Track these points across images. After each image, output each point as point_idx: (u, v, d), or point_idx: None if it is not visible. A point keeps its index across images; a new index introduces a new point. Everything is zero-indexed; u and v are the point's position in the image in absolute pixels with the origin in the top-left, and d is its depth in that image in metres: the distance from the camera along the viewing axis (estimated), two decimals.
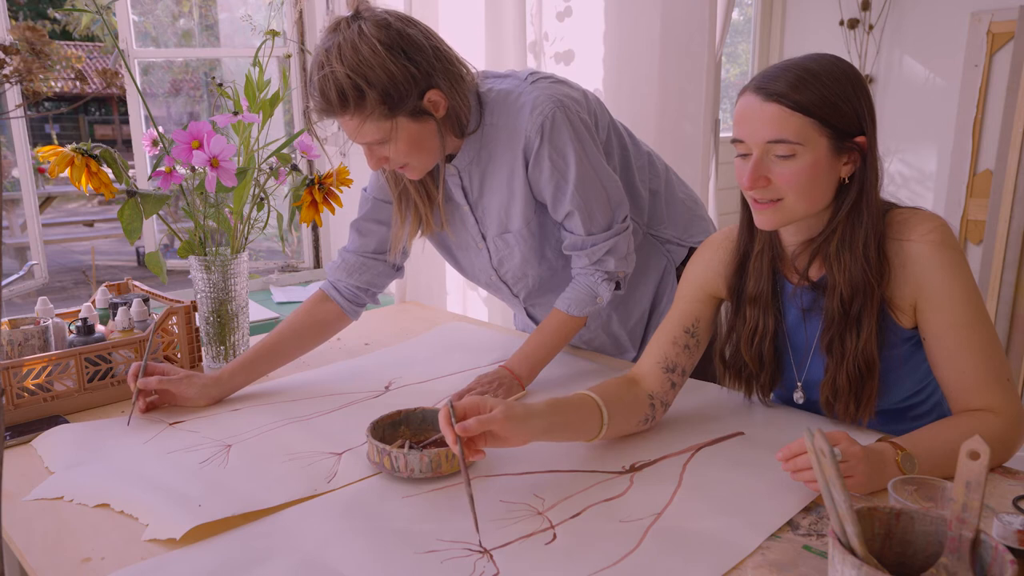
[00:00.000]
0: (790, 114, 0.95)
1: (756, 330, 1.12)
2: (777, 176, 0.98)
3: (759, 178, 0.98)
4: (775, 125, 0.96)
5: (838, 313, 1.03)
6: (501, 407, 0.95)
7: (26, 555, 0.87)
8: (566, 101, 1.25)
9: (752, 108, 0.98)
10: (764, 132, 0.97)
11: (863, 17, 3.24)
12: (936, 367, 1.02)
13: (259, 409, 1.26)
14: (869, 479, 0.91)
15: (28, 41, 0.57)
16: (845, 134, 0.97)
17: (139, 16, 4.60)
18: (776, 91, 0.96)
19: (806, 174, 0.97)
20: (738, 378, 1.18)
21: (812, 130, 0.96)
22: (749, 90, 0.99)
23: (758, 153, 0.98)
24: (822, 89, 0.95)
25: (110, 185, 1.30)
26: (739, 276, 1.13)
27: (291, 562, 0.83)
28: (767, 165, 0.98)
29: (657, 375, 1.15)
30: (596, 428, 1.06)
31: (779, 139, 0.96)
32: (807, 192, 0.98)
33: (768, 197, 1.00)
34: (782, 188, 0.99)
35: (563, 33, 2.34)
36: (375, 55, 1.12)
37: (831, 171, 0.99)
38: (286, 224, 1.49)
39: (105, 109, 14.70)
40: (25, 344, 1.28)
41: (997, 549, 0.64)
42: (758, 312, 1.12)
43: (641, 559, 0.83)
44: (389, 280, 1.47)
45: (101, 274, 6.58)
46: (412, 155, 1.21)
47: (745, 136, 0.99)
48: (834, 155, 0.98)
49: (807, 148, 0.96)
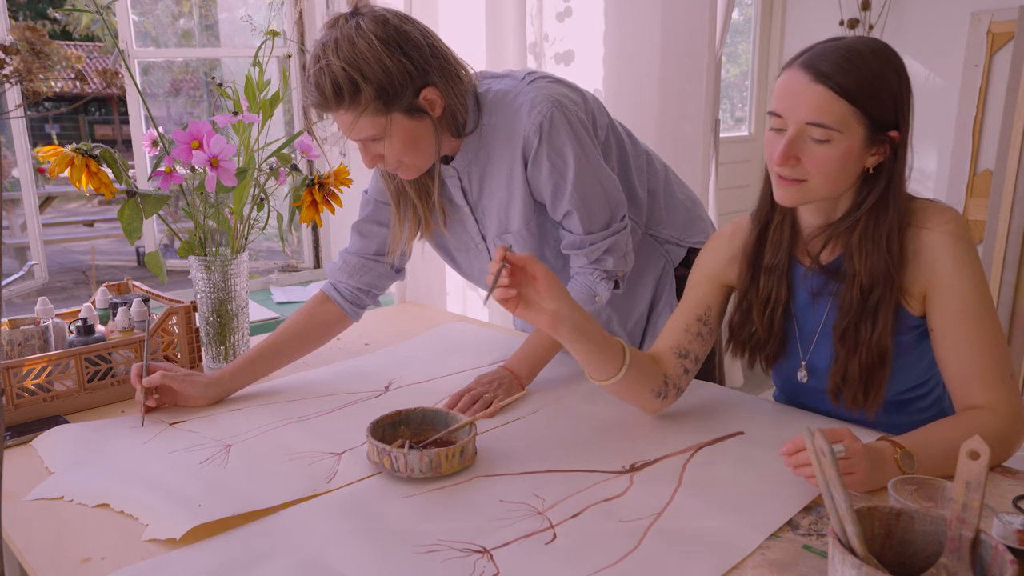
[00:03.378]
0: (834, 99, 0.95)
1: (769, 299, 1.13)
2: (808, 158, 0.98)
3: (790, 157, 0.99)
4: (818, 108, 0.96)
5: (856, 302, 1.03)
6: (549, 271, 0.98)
7: (26, 555, 0.87)
8: (564, 101, 1.25)
9: (797, 85, 0.97)
10: (805, 112, 0.97)
11: (863, 17, 3.24)
12: (940, 358, 1.03)
13: (259, 409, 1.26)
14: (870, 477, 0.91)
15: (28, 41, 0.57)
16: (881, 126, 0.98)
17: (139, 16, 4.60)
18: (824, 72, 0.95)
19: (837, 161, 0.98)
20: (744, 348, 1.18)
21: (852, 118, 0.96)
22: (796, 66, 0.98)
23: (794, 131, 0.98)
24: (870, 77, 0.95)
25: (110, 185, 1.30)
26: (756, 247, 1.14)
27: (291, 562, 0.83)
28: (800, 145, 0.98)
29: (671, 359, 1.17)
30: (616, 366, 1.07)
31: (819, 123, 0.96)
32: (833, 178, 0.99)
33: (794, 176, 1.00)
34: (810, 170, 0.99)
35: (563, 33, 2.34)
36: (371, 49, 1.12)
37: (859, 160, 1.00)
38: (286, 224, 1.49)
39: (105, 109, 14.71)
40: (25, 344, 1.28)
41: (997, 549, 0.64)
42: (773, 282, 1.12)
43: (641, 559, 0.83)
44: (390, 282, 1.47)
45: (101, 274, 6.58)
46: (407, 153, 1.21)
47: (784, 112, 0.98)
48: (866, 145, 0.98)
49: (844, 136, 0.96)
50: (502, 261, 0.95)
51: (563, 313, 1.00)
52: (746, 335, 1.17)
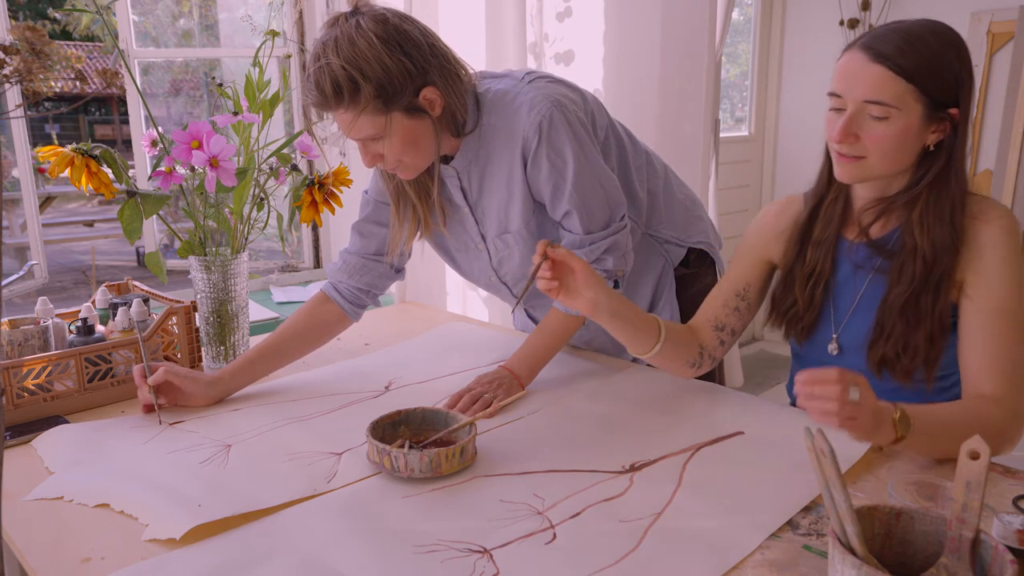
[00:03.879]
0: (892, 77, 0.98)
1: (814, 272, 1.16)
2: (866, 135, 1.02)
3: (849, 134, 1.02)
4: (875, 86, 0.99)
5: (919, 275, 1.05)
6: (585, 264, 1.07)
7: (26, 555, 0.87)
8: (563, 100, 1.25)
9: (856, 65, 1.01)
10: (863, 91, 1.00)
11: (863, 17, 3.24)
12: (961, 345, 1.05)
13: (259, 409, 1.26)
14: (869, 429, 0.91)
15: (28, 41, 0.57)
16: (940, 104, 1.00)
17: (139, 16, 4.60)
18: (884, 53, 0.99)
19: (895, 138, 1.01)
20: (782, 318, 1.21)
21: (910, 96, 0.99)
22: (856, 47, 1.02)
23: (852, 109, 1.01)
24: (929, 57, 0.98)
25: (110, 185, 1.30)
26: (808, 223, 1.17)
27: (291, 562, 0.83)
28: (859, 123, 1.02)
29: (708, 331, 1.24)
30: (652, 341, 1.15)
31: (876, 100, 0.99)
32: (891, 155, 1.02)
33: (853, 153, 1.03)
34: (868, 147, 1.02)
35: (563, 34, 2.34)
36: (371, 48, 1.12)
37: (919, 138, 1.02)
38: (286, 224, 1.49)
39: (105, 109, 14.71)
40: (25, 344, 1.28)
41: (997, 549, 0.64)
42: (820, 255, 1.15)
43: (641, 559, 0.83)
44: (390, 282, 1.47)
45: (101, 274, 6.58)
46: (406, 153, 1.21)
47: (843, 91, 1.02)
48: (925, 123, 1.01)
49: (901, 113, 0.99)
50: (543, 256, 1.04)
51: (600, 300, 1.08)
52: (786, 306, 1.20)
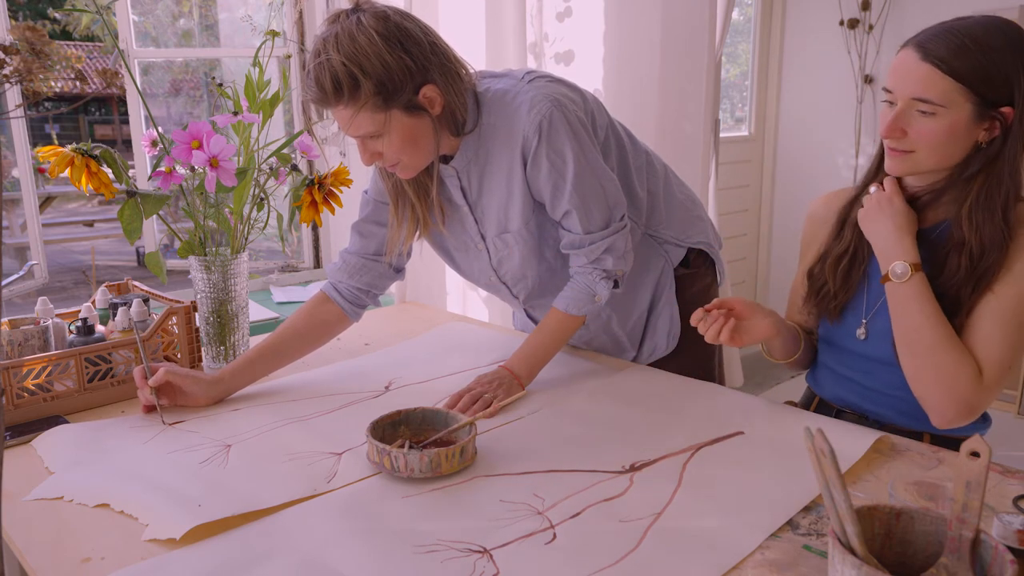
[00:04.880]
0: (941, 77, 1.01)
1: (847, 251, 1.19)
2: (914, 130, 1.05)
3: (896, 129, 1.05)
4: (923, 84, 1.02)
5: (964, 269, 1.07)
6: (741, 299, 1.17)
7: (26, 555, 0.87)
8: (563, 100, 1.25)
9: (908, 63, 1.04)
10: (911, 88, 1.03)
11: (863, 17, 3.24)
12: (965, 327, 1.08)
13: (259, 409, 1.26)
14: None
15: (28, 41, 0.57)
16: (991, 103, 1.02)
17: (139, 16, 4.60)
18: (933, 52, 1.02)
19: (943, 134, 1.03)
20: (816, 295, 1.24)
21: (958, 95, 1.01)
22: (910, 45, 1.05)
23: (901, 106, 1.05)
24: (981, 59, 1.00)
25: (110, 185, 1.30)
26: (852, 202, 1.20)
27: (291, 562, 0.83)
28: (908, 118, 1.05)
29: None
30: (797, 346, 1.25)
31: (923, 98, 1.02)
32: (939, 150, 1.05)
33: (902, 147, 1.07)
34: (917, 142, 1.05)
35: (563, 33, 2.34)
36: (372, 44, 1.12)
37: (968, 134, 1.04)
38: (286, 224, 1.49)
39: (105, 109, 14.70)
40: (25, 344, 1.28)
41: (997, 549, 0.64)
42: (856, 235, 1.18)
43: (641, 559, 0.83)
44: (390, 282, 1.47)
45: (101, 274, 6.58)
46: (406, 151, 1.21)
47: (894, 87, 1.06)
48: (975, 120, 1.03)
49: (949, 110, 1.02)
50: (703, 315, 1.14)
51: (774, 317, 1.18)
52: (819, 284, 1.23)
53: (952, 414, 1.06)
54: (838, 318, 1.21)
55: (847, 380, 1.23)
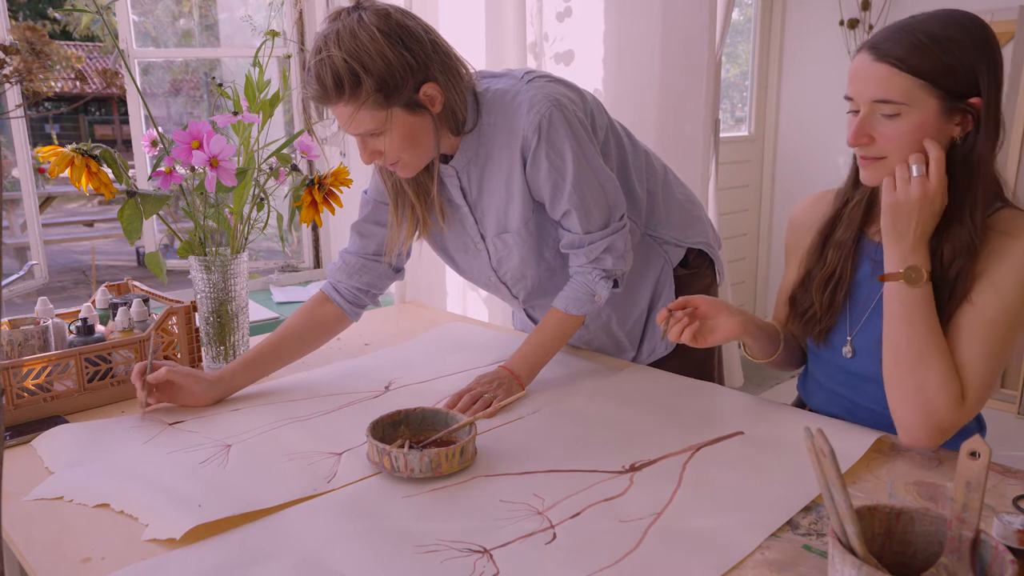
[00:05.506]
0: (897, 74, 0.97)
1: (833, 275, 1.14)
2: (881, 135, 1.00)
3: (862, 135, 1.01)
4: (882, 85, 0.98)
5: (936, 276, 1.02)
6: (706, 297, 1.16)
7: (26, 555, 0.87)
8: (563, 100, 1.25)
9: (863, 67, 1.00)
10: (871, 91, 0.99)
11: (863, 17, 3.24)
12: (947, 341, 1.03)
13: (259, 409, 1.26)
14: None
15: (28, 41, 0.57)
16: (958, 95, 0.97)
17: (139, 16, 4.60)
18: (886, 50, 0.98)
19: (910, 134, 0.98)
20: (800, 319, 1.20)
21: (920, 91, 0.97)
22: (865, 47, 1.01)
23: (864, 111, 1.01)
24: (939, 52, 0.96)
25: (110, 185, 1.30)
26: (833, 220, 1.17)
27: (291, 562, 0.83)
28: (872, 123, 1.00)
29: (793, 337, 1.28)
30: (775, 346, 1.22)
31: (884, 99, 0.98)
32: (910, 151, 0.99)
33: (872, 155, 1.02)
34: (886, 147, 1.00)
35: (563, 33, 2.34)
36: (373, 42, 1.12)
37: (939, 132, 0.99)
38: (286, 224, 1.49)
39: (105, 109, 14.70)
40: (25, 344, 1.28)
41: (997, 549, 0.64)
42: (840, 257, 1.14)
43: (641, 559, 0.83)
44: (389, 282, 1.47)
45: (101, 274, 6.58)
46: (406, 149, 1.21)
47: (854, 94, 1.02)
48: (944, 115, 0.98)
49: (913, 108, 0.97)
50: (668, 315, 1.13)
51: (743, 317, 1.16)
52: (804, 307, 1.19)
53: (923, 434, 1.00)
54: (824, 341, 1.17)
55: (835, 394, 1.20)
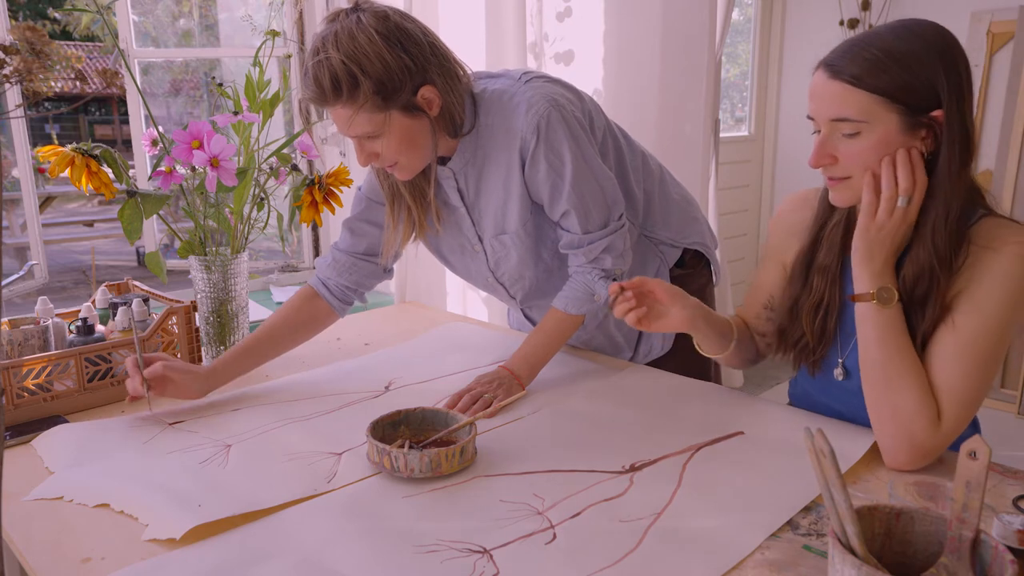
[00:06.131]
0: (853, 91, 0.94)
1: (822, 302, 1.10)
2: (843, 154, 0.98)
3: (824, 156, 0.99)
4: (838, 103, 0.95)
5: (905, 295, 0.99)
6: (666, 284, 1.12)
7: (26, 555, 0.87)
8: (561, 100, 1.25)
9: (819, 85, 0.98)
10: (828, 110, 0.96)
11: (863, 17, 3.24)
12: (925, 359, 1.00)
13: (259, 409, 1.26)
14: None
15: (28, 41, 0.57)
16: (921, 109, 0.94)
17: (139, 16, 4.60)
18: (840, 67, 0.95)
19: (872, 152, 0.96)
20: (792, 349, 1.16)
21: (879, 107, 0.94)
22: (821, 66, 0.98)
23: (825, 131, 0.98)
24: (894, 66, 0.93)
25: (110, 185, 1.30)
26: (813, 245, 1.12)
27: (291, 562, 0.83)
28: (834, 143, 0.98)
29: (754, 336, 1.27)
30: (728, 342, 1.19)
31: (842, 117, 0.95)
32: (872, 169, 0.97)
33: (837, 175, 0.99)
34: (849, 166, 0.98)
35: (563, 33, 2.34)
36: (372, 44, 1.12)
37: (904, 147, 0.96)
38: (286, 224, 1.49)
39: (105, 109, 14.70)
40: (25, 344, 1.28)
41: (997, 549, 0.64)
42: (826, 283, 1.10)
43: (641, 559, 0.83)
44: (378, 281, 1.47)
45: (101, 274, 6.58)
46: (403, 152, 1.21)
47: (813, 113, 1.00)
48: (907, 131, 0.95)
49: (873, 125, 0.94)
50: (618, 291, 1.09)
51: (697, 311, 1.13)
52: (795, 338, 1.15)
53: (904, 458, 0.98)
54: (819, 368, 1.14)
55: (829, 408, 1.19)
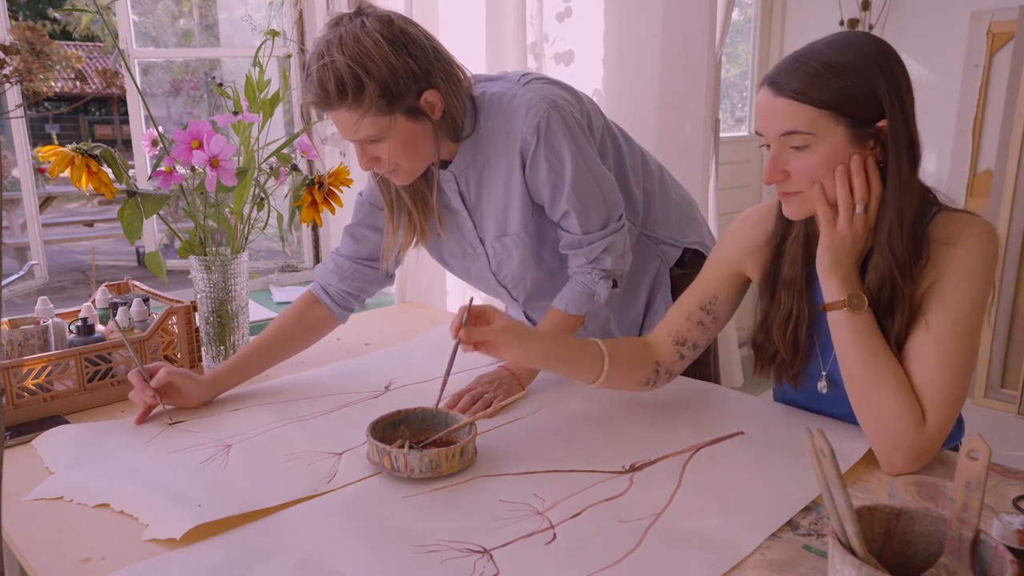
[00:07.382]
0: (796, 106, 0.94)
1: (791, 316, 1.10)
2: (794, 169, 0.98)
3: (776, 172, 0.99)
4: (785, 118, 0.96)
5: (872, 301, 1.00)
6: (503, 321, 1.07)
7: (26, 555, 0.87)
8: (560, 101, 1.25)
9: (765, 102, 0.98)
10: (776, 125, 0.97)
11: (863, 17, 3.24)
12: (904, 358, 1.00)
13: (259, 409, 1.26)
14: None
15: (28, 41, 0.57)
16: (867, 120, 0.95)
17: (139, 16, 4.60)
18: (783, 83, 0.95)
19: (822, 164, 0.96)
20: (769, 365, 1.15)
21: (825, 120, 0.94)
22: (765, 82, 0.99)
23: (775, 147, 0.99)
24: (835, 80, 0.93)
25: (110, 185, 1.30)
26: (775, 261, 1.12)
27: (291, 562, 0.83)
28: (784, 159, 0.98)
29: (667, 346, 1.19)
30: (596, 372, 1.12)
31: (791, 131, 0.96)
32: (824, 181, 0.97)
33: (787, 189, 1.00)
34: (800, 181, 0.98)
35: (563, 34, 2.34)
36: (377, 47, 1.12)
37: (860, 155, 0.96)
38: (286, 224, 1.49)
39: (105, 109, 14.70)
40: (25, 344, 1.28)
41: (997, 549, 0.64)
42: (792, 298, 1.10)
43: (641, 559, 0.83)
44: (380, 287, 1.47)
45: (101, 274, 6.58)
46: (405, 156, 1.21)
47: (762, 130, 1.00)
48: (854, 142, 0.96)
49: (820, 138, 0.95)
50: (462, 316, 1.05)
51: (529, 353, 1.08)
52: (770, 355, 1.14)
53: (897, 461, 0.97)
54: (800, 384, 1.14)
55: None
